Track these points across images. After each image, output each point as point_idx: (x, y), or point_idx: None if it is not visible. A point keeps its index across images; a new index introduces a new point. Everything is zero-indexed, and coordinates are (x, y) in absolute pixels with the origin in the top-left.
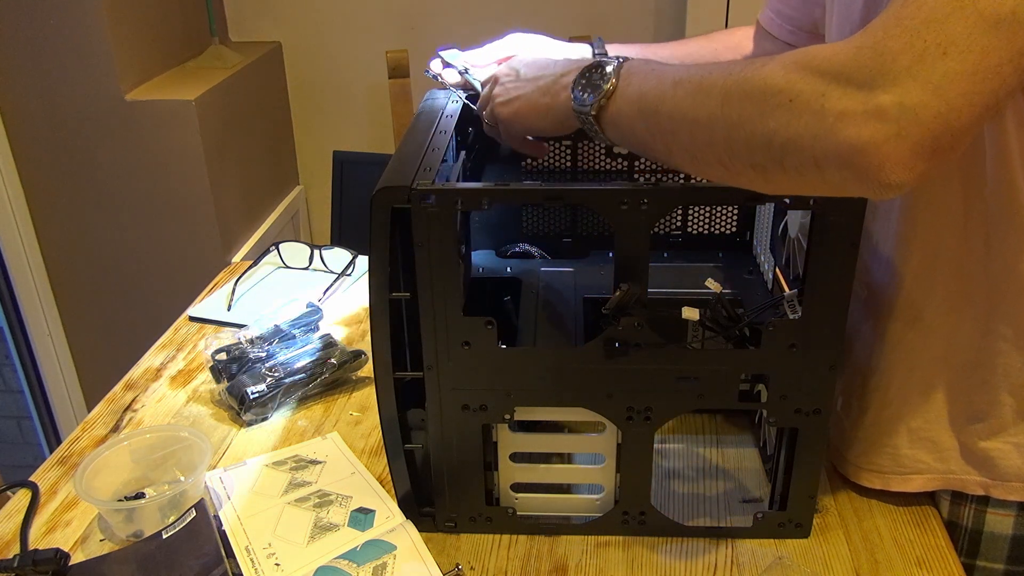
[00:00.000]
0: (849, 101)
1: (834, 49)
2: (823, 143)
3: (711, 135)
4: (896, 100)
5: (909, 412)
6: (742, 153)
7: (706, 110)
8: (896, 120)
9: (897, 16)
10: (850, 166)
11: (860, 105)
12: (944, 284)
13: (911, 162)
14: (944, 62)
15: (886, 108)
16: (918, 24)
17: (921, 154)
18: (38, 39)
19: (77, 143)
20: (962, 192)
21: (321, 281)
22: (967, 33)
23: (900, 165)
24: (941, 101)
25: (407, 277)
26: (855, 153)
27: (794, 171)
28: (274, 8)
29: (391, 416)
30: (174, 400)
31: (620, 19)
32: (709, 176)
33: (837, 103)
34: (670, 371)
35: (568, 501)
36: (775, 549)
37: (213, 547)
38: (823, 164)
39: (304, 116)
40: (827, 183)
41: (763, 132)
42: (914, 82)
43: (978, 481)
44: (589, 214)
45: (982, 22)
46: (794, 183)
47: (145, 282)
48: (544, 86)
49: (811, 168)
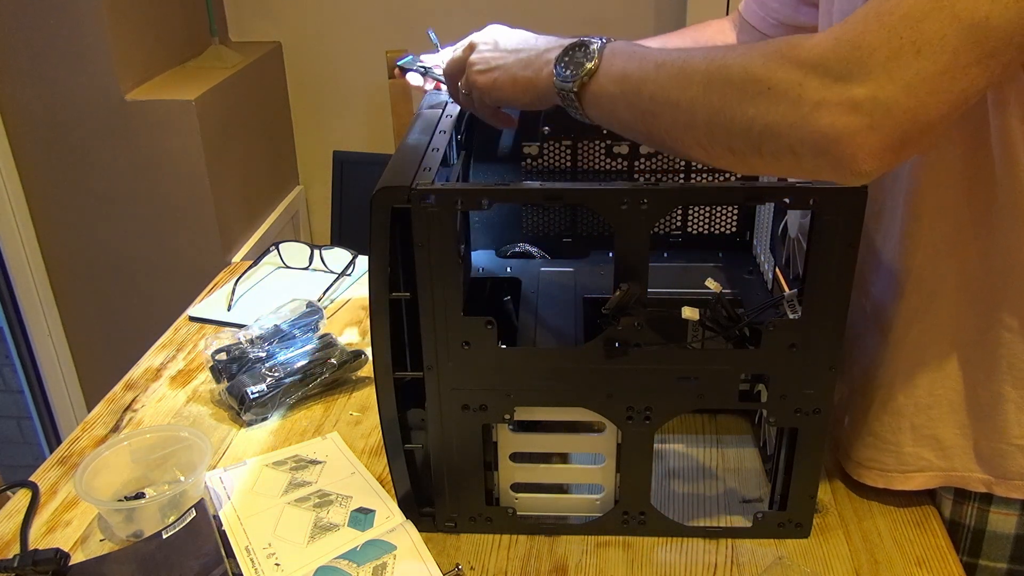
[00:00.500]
0: (826, 92)
1: (814, 40)
2: (800, 131)
3: (691, 118)
4: (870, 94)
5: (913, 408)
6: (721, 137)
7: (688, 94)
8: (870, 113)
9: (877, 11)
10: (825, 154)
11: (836, 96)
12: (949, 278)
13: (881, 153)
14: (917, 61)
15: (861, 101)
16: (896, 21)
17: (891, 146)
18: (38, 39)
19: (77, 143)
20: (967, 186)
21: (321, 281)
22: (942, 34)
23: (872, 155)
24: (912, 98)
25: (407, 277)
26: (830, 142)
27: (771, 156)
28: (274, 8)
29: (391, 416)
30: (174, 400)
31: (620, 19)
32: (690, 157)
33: (814, 93)
34: (670, 371)
35: (568, 501)
36: (775, 549)
37: (213, 547)
38: (799, 151)
39: (304, 116)
40: (802, 169)
41: (742, 119)
42: (888, 78)
43: (981, 478)
44: (589, 214)
45: (957, 23)
46: (770, 167)
47: (145, 282)
48: (526, 59)
49: (787, 154)
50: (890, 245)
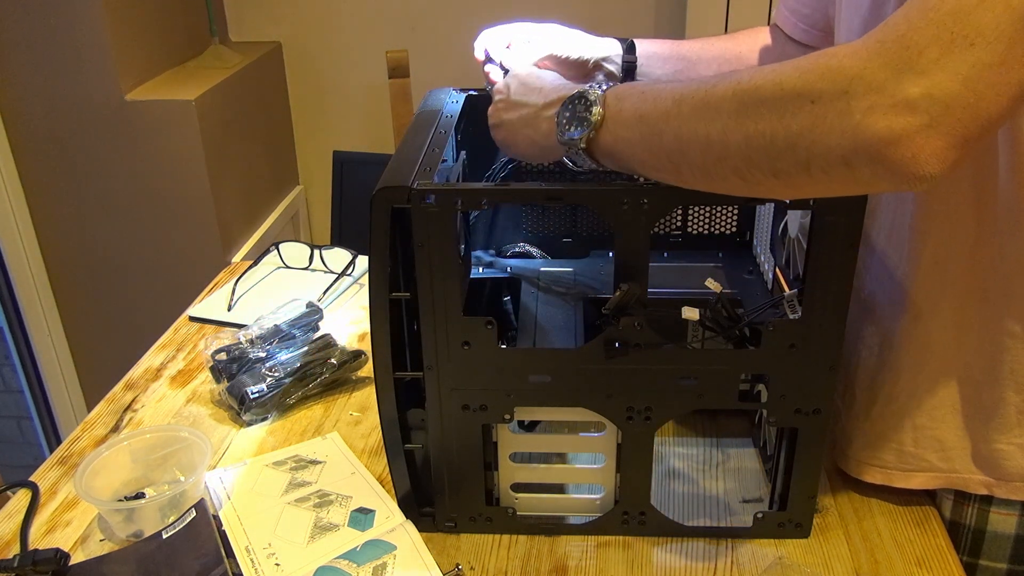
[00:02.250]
0: (876, 96)
1: (853, 47)
2: (852, 140)
3: (724, 149)
4: (925, 92)
5: (915, 409)
6: (762, 162)
7: (718, 123)
8: (927, 111)
9: (921, 9)
10: (882, 160)
11: (888, 99)
12: (955, 280)
13: (944, 153)
14: (972, 52)
15: (916, 100)
16: (943, 16)
17: (953, 144)
18: (38, 39)
19: (77, 143)
20: (974, 189)
21: (321, 281)
22: (995, 24)
23: (933, 156)
24: (970, 92)
25: (407, 277)
26: (887, 146)
27: (820, 172)
28: (274, 8)
29: (391, 416)
30: (174, 400)
31: (620, 19)
32: (724, 190)
33: (863, 99)
34: (670, 371)
35: (568, 501)
36: (775, 549)
37: (213, 547)
38: (853, 161)
39: (304, 116)
40: (857, 180)
41: (785, 137)
42: (943, 73)
43: (981, 480)
44: (589, 214)
45: (1009, 12)
46: (820, 184)
47: (145, 282)
48: (526, 117)
49: (839, 167)
50: (894, 243)
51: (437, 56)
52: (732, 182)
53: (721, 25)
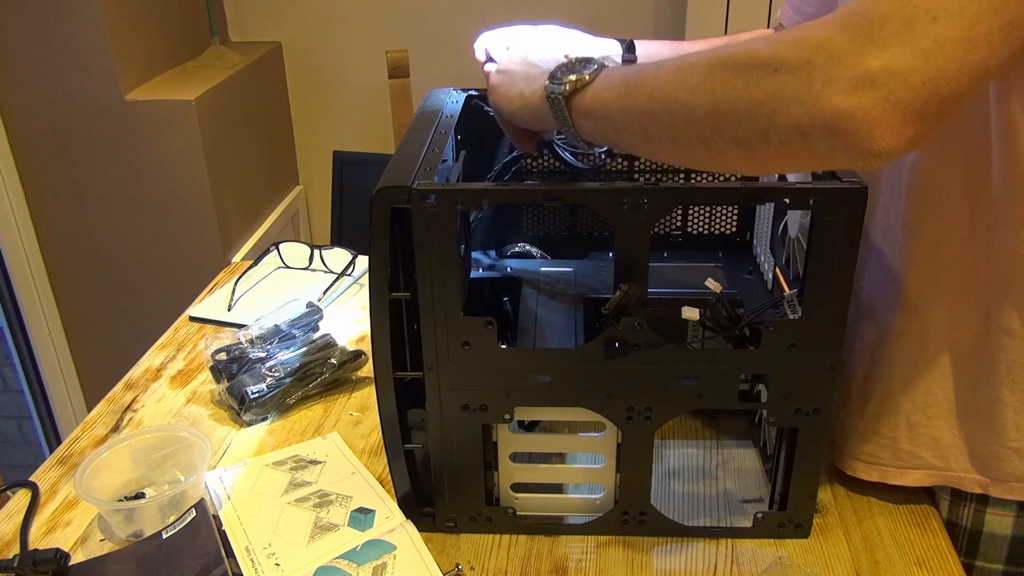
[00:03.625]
0: (837, 67)
1: (821, 20)
2: (810, 109)
3: (691, 111)
4: (884, 65)
5: (910, 406)
6: (725, 128)
7: (688, 86)
8: (884, 84)
9: None
10: (838, 132)
11: (848, 70)
12: (948, 276)
13: (899, 128)
14: (934, 27)
15: (874, 73)
16: None
17: (910, 120)
18: (38, 39)
19: (77, 143)
20: (968, 183)
21: (321, 281)
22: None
23: (888, 131)
24: (930, 66)
25: (407, 277)
26: (843, 119)
27: (779, 143)
28: (274, 8)
29: (391, 416)
30: (174, 400)
31: (620, 19)
32: (688, 159)
33: (824, 69)
34: (670, 371)
35: (568, 501)
36: (775, 549)
37: (213, 547)
38: (810, 132)
39: (304, 116)
40: (813, 153)
41: (748, 103)
42: (903, 47)
43: (976, 479)
44: (589, 214)
45: None
46: (778, 156)
47: (145, 282)
48: (529, 74)
49: (797, 137)
50: (888, 240)
51: (437, 56)
52: (697, 149)
53: (721, 25)
